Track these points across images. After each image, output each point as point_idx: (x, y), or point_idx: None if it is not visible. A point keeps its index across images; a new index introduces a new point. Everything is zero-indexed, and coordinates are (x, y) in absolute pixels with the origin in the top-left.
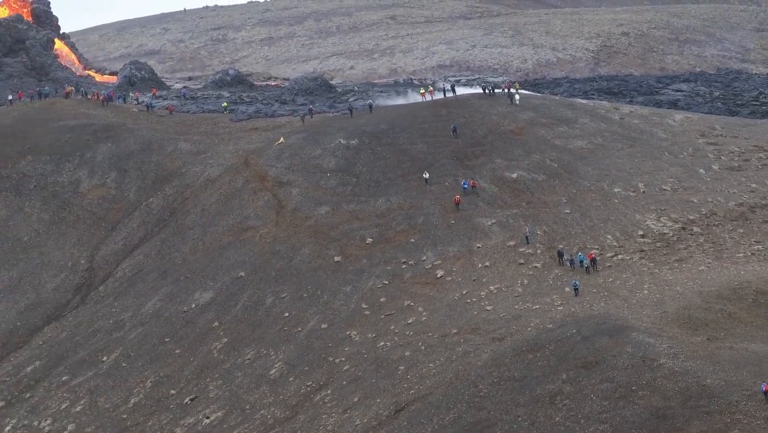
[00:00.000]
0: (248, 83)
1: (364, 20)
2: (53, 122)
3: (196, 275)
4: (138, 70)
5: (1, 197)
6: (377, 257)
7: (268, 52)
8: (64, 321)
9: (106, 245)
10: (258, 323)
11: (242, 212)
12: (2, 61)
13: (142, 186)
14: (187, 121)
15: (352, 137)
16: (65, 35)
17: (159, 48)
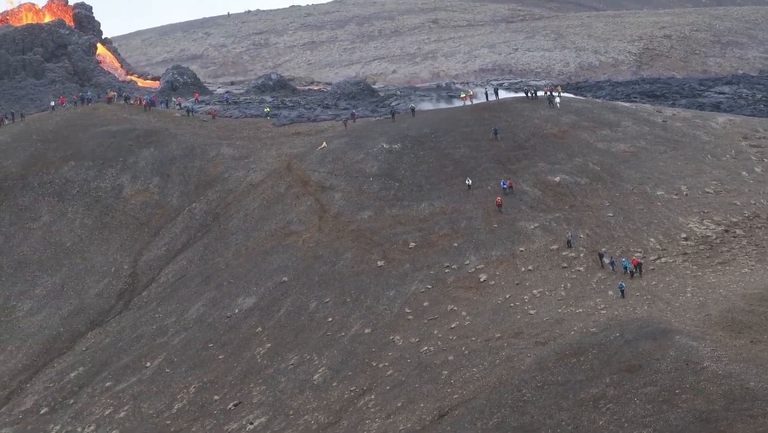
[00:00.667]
0: (291, 88)
1: (406, 24)
2: (96, 128)
3: (239, 280)
4: (180, 75)
5: (45, 203)
6: (420, 261)
7: (310, 56)
8: (108, 327)
9: (149, 250)
10: (301, 328)
11: (285, 217)
12: (45, 67)
13: (185, 191)
14: (229, 126)
15: (394, 141)
16: (107, 40)
17: (201, 53)
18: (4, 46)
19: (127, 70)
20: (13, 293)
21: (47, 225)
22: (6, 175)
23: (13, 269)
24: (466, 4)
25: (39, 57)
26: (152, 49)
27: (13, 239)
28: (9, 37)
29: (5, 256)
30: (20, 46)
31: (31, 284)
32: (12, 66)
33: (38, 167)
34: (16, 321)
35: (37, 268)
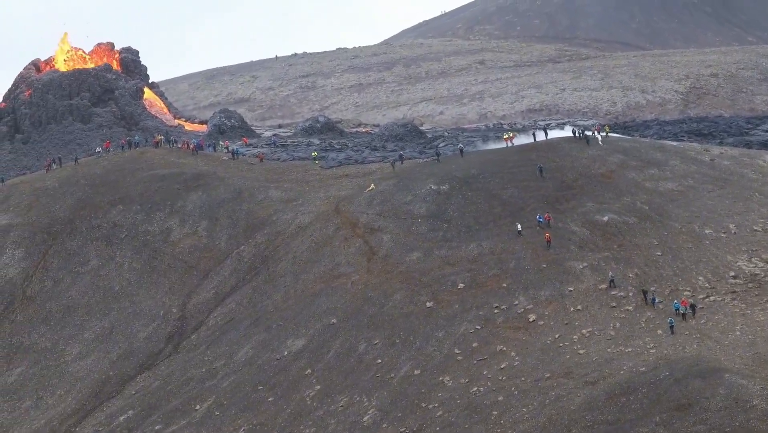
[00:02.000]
0: (338, 130)
1: (453, 65)
2: (143, 172)
3: (288, 323)
4: (228, 119)
5: (93, 247)
6: (469, 302)
7: (357, 98)
8: (157, 370)
9: (197, 293)
10: (350, 369)
11: (333, 259)
12: (92, 111)
13: (233, 234)
14: (277, 169)
15: (442, 183)
16: (154, 84)
17: (249, 96)
18: (51, 91)
19: (174, 114)
20: (62, 337)
21: (96, 269)
22: (54, 219)
23: (61, 314)
24: (512, 45)
25: (86, 102)
26: (199, 93)
27: (62, 284)
28: (56, 83)
29: (54, 300)
30: (67, 91)
31: (80, 328)
32: (59, 111)
33: (86, 212)
34: (65, 365)
35: (85, 312)
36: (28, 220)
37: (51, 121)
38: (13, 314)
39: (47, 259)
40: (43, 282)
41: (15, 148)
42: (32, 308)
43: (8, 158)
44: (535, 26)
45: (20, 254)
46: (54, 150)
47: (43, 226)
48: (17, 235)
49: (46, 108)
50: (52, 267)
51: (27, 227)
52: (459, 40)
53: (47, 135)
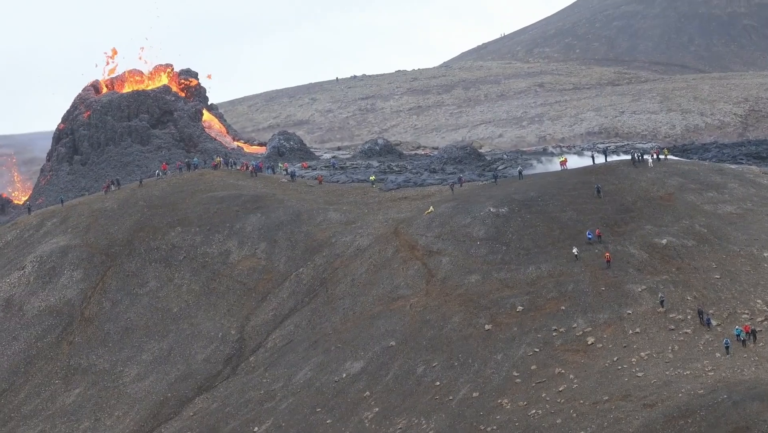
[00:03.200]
0: (397, 152)
1: (512, 88)
2: (202, 193)
3: (346, 345)
4: (287, 141)
5: (152, 268)
6: (528, 324)
7: (416, 121)
8: (215, 392)
9: (256, 315)
10: (409, 392)
11: (392, 282)
12: (151, 133)
13: (292, 256)
14: (336, 191)
15: (501, 205)
16: (213, 106)
17: (308, 118)
18: (110, 112)
19: (233, 136)
20: (120, 358)
21: (154, 291)
22: (113, 241)
23: (120, 335)
24: (571, 67)
25: (145, 123)
26: (258, 115)
27: (120, 305)
28: (115, 104)
29: (112, 322)
30: (126, 113)
31: (138, 349)
32: (118, 132)
33: (145, 233)
34: (123, 387)
35: (144, 334)
36: (87, 241)
37: (110, 143)
38: (72, 335)
39: (106, 280)
40: (102, 304)
41: (74, 169)
42: (90, 330)
43: (67, 180)
44: (594, 49)
45: (79, 276)
46: (112, 172)
47: (101, 247)
48: (76, 256)
49: (105, 129)
50: (110, 289)
51: (85, 249)
52: (518, 63)
53: (106, 157)
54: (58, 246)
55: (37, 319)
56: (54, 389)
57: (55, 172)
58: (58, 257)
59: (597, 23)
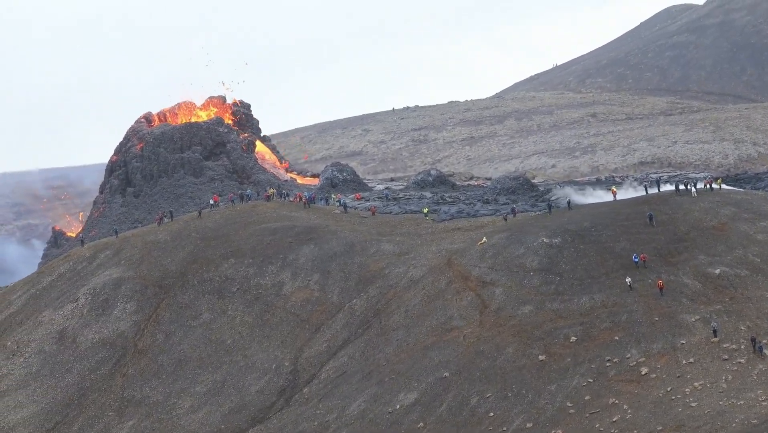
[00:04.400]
0: (450, 183)
1: (564, 118)
2: (255, 225)
3: (400, 376)
4: (340, 172)
5: (205, 300)
6: (581, 355)
7: (469, 151)
8: (269, 423)
9: (309, 346)
10: (463, 423)
11: (446, 313)
12: (204, 165)
13: (346, 287)
14: (389, 222)
15: (554, 236)
16: (266, 138)
17: (361, 149)
18: (163, 144)
19: (286, 167)
20: (173, 390)
21: (207, 323)
22: (166, 273)
23: (173, 367)
24: (624, 97)
25: (198, 155)
26: (311, 147)
27: (174, 337)
28: (168, 136)
29: (166, 354)
30: (179, 145)
31: (192, 381)
32: (171, 164)
33: (198, 265)
34: (177, 418)
35: (197, 365)
36: (140, 273)
37: (162, 175)
38: (125, 367)
39: (159, 312)
40: (155, 335)
41: (126, 201)
42: (144, 362)
43: (119, 211)
44: (647, 79)
45: (132, 308)
46: (165, 203)
47: (154, 279)
48: (129, 288)
49: (158, 161)
50: (163, 320)
51: (139, 281)
52: (571, 93)
53: (159, 188)
54: (111, 278)
55: (90, 351)
56: (107, 421)
57: (108, 204)
58: (111, 289)
59: (649, 53)
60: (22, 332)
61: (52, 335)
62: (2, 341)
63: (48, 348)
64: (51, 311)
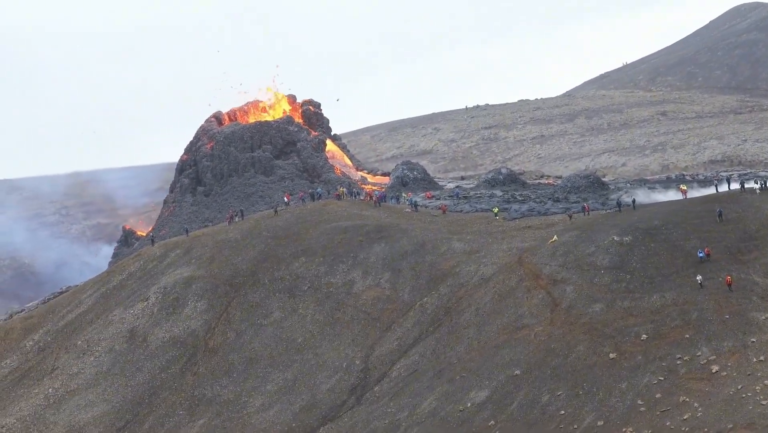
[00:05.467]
0: (520, 182)
1: (634, 117)
2: (326, 224)
3: (471, 374)
4: (410, 171)
5: (276, 299)
6: (652, 353)
7: (539, 150)
8: (340, 422)
9: (380, 345)
10: (534, 421)
11: (517, 311)
12: (274, 164)
13: (416, 286)
14: (460, 221)
15: (625, 234)
16: (336, 136)
17: (431, 148)
18: (233, 143)
19: (356, 166)
20: (244, 389)
21: (278, 321)
22: (237, 272)
23: (244, 366)
24: (694, 96)
25: (268, 154)
26: (381, 145)
27: (245, 336)
28: (238, 135)
29: (237, 352)
30: (249, 144)
31: (263, 380)
32: (241, 164)
33: (269, 264)
34: (248, 417)
35: (268, 364)
36: (211, 272)
37: (233, 174)
38: (196, 366)
39: (230, 311)
40: (226, 334)
41: (197, 200)
42: (215, 360)
43: (190, 210)
44: (717, 77)
45: (203, 306)
46: (236, 202)
47: (225, 278)
48: (200, 287)
49: (228, 160)
50: (234, 319)
51: (209, 279)
52: (641, 92)
53: (229, 187)
54: (182, 277)
55: (161, 350)
56: (178, 419)
57: (178, 203)
58: (182, 288)
59: (719, 51)
60: (93, 331)
61: (123, 334)
62: (73, 340)
63: (118, 347)
64: (121, 310)
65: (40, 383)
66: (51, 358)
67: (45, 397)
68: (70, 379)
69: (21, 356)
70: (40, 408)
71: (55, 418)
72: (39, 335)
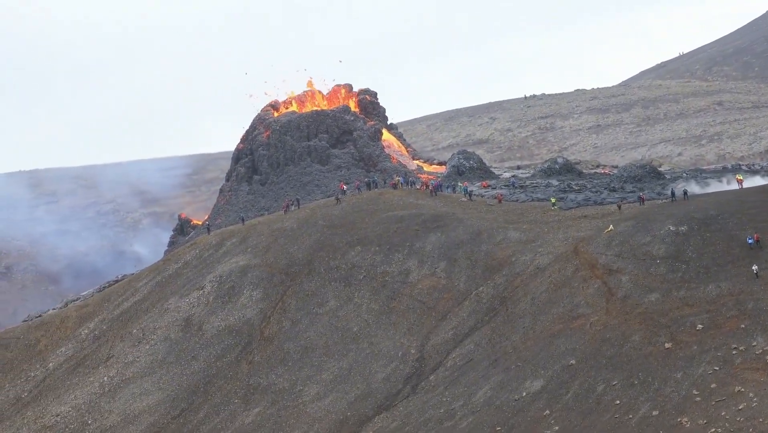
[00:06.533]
0: (577, 171)
1: (691, 106)
2: (382, 213)
3: (526, 364)
4: (466, 160)
5: (331, 288)
6: (707, 343)
7: (596, 139)
8: (395, 411)
9: (436, 334)
10: (589, 410)
11: (572, 300)
12: (330, 152)
13: (472, 275)
14: (516, 210)
15: (681, 223)
16: (393, 125)
17: (487, 137)
18: (289, 132)
19: (412, 155)
20: (299, 377)
21: (334, 310)
22: (292, 260)
23: (299, 354)
24: (750, 86)
25: (324, 143)
26: (438, 134)
27: (300, 324)
28: (294, 124)
29: (292, 341)
30: (305, 133)
31: (318, 368)
32: (297, 152)
33: (324, 253)
34: (303, 406)
35: (323, 353)
36: (266, 261)
37: (289, 163)
38: (251, 354)
39: (285, 300)
40: (281, 323)
41: (253, 189)
42: (270, 349)
43: (246, 199)
44: None
45: (258, 295)
46: (292, 191)
47: (281, 267)
48: (255, 276)
49: (284, 149)
50: (290, 308)
51: (265, 268)
52: (697, 82)
53: (285, 176)
54: (237, 266)
55: (216, 338)
56: (233, 408)
57: (234, 192)
58: (237, 277)
59: None
60: (148, 320)
61: (178, 323)
62: (128, 329)
63: (174, 335)
64: (177, 299)
65: (96, 372)
66: (106, 346)
67: (100, 385)
68: (126, 367)
69: (76, 345)
70: (95, 396)
71: (110, 406)
72: (94, 323)
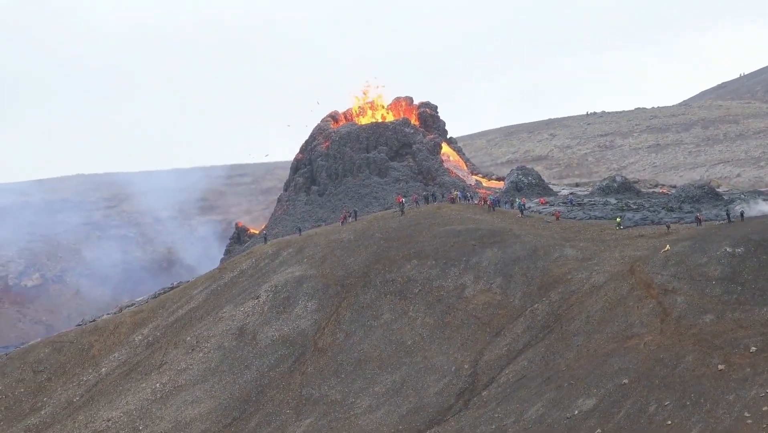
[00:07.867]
0: (635, 190)
1: (751, 128)
2: (439, 227)
3: (579, 382)
4: (525, 176)
5: (386, 301)
6: (761, 365)
7: (655, 158)
8: (446, 426)
9: (489, 350)
10: (640, 430)
11: (627, 319)
12: (389, 165)
13: (527, 292)
14: (573, 227)
15: (738, 245)
16: (452, 140)
17: (546, 154)
18: (348, 144)
19: (471, 170)
20: (352, 390)
21: (388, 323)
22: (348, 272)
23: (352, 366)
24: None
25: (383, 155)
26: (497, 150)
27: (354, 336)
28: (353, 135)
29: (345, 353)
30: (364, 144)
31: (371, 381)
32: (356, 164)
33: (381, 265)
34: (355, 418)
35: (377, 365)
36: (322, 272)
37: (347, 174)
38: (304, 365)
39: (340, 312)
40: (335, 334)
41: (311, 199)
42: (323, 360)
43: (304, 209)
44: None
45: (313, 306)
46: (349, 203)
47: (337, 278)
48: (311, 287)
49: (343, 160)
50: (344, 320)
51: (320, 279)
52: (758, 103)
53: (343, 187)
54: (293, 276)
55: (270, 348)
56: (285, 418)
57: (292, 201)
58: (293, 287)
59: None
60: (202, 328)
61: (232, 331)
62: (182, 336)
63: (227, 344)
64: (231, 307)
65: (148, 378)
66: (159, 353)
67: (152, 391)
68: (178, 374)
69: (129, 350)
70: (147, 402)
71: (161, 413)
72: (148, 329)
